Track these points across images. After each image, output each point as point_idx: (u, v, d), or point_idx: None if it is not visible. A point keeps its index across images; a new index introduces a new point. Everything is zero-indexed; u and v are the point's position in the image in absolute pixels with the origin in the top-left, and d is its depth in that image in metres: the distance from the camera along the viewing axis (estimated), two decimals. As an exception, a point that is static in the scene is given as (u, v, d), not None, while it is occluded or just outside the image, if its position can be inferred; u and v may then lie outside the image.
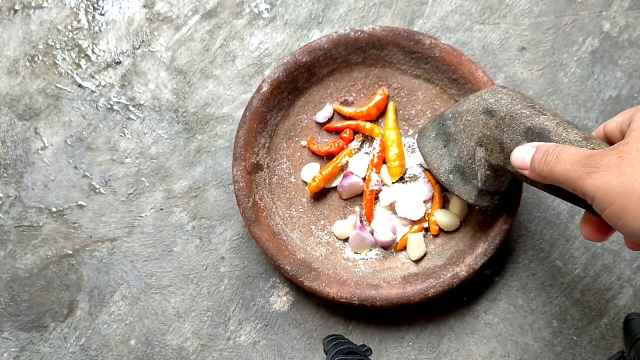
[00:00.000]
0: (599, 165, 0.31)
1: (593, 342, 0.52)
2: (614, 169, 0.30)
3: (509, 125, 0.41)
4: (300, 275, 0.49)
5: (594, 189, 0.31)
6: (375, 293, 0.49)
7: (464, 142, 0.45)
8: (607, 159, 0.31)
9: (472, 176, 0.46)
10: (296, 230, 0.53)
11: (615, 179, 0.30)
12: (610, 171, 0.31)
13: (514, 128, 0.41)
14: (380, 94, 0.52)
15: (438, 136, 0.47)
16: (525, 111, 0.40)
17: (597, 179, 0.31)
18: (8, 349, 0.54)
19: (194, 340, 0.54)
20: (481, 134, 0.43)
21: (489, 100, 0.42)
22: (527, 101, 0.41)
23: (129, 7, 0.57)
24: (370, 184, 0.52)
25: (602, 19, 0.55)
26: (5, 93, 0.57)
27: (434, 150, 0.47)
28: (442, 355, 0.52)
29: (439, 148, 0.47)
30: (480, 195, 0.46)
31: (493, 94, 0.43)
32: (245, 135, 0.51)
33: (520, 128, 0.40)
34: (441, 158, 0.47)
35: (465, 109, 0.44)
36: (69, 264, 0.55)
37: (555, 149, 0.35)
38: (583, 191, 0.32)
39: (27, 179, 0.56)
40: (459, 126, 0.45)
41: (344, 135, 0.53)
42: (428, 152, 0.48)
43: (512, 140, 0.41)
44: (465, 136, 0.44)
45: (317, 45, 0.51)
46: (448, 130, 0.46)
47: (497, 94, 0.42)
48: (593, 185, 0.31)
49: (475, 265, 0.48)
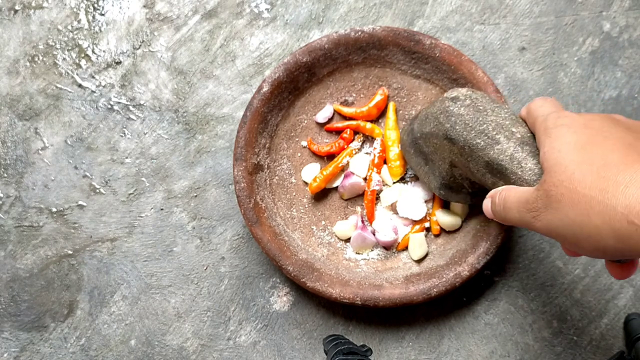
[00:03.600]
0: (537, 209, 0.34)
1: (593, 342, 0.52)
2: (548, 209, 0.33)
3: (469, 155, 0.41)
4: (302, 275, 0.49)
5: (545, 231, 0.34)
6: (377, 293, 0.49)
7: (439, 164, 0.46)
8: (540, 202, 0.33)
9: (459, 187, 0.47)
10: (297, 230, 0.53)
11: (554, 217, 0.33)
12: (547, 212, 0.33)
13: (475, 159, 0.41)
14: (380, 93, 0.52)
15: (417, 153, 0.48)
16: (479, 141, 0.40)
17: (542, 222, 0.34)
18: (8, 349, 0.54)
19: (194, 340, 0.54)
20: (451, 158, 0.44)
21: (445, 125, 0.42)
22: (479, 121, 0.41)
23: (129, 7, 0.57)
24: (371, 183, 0.52)
25: (602, 19, 0.55)
26: (5, 93, 0.57)
27: (418, 165, 0.49)
28: (442, 355, 0.52)
29: (421, 164, 0.48)
30: (474, 197, 0.47)
31: (447, 116, 0.42)
32: (246, 136, 0.50)
33: (480, 160, 0.41)
34: (427, 175, 0.48)
35: (429, 132, 0.44)
36: (69, 264, 0.55)
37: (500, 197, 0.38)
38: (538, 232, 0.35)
39: (27, 179, 0.56)
40: (430, 147, 0.45)
41: (344, 135, 0.53)
42: (414, 167, 0.50)
43: (478, 170, 0.42)
44: (438, 158, 0.45)
45: (317, 45, 0.51)
46: (422, 150, 0.47)
47: (450, 117, 0.42)
48: (541, 228, 0.34)
49: (477, 265, 0.48)
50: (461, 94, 0.42)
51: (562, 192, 0.32)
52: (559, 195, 0.32)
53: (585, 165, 0.32)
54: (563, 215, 0.32)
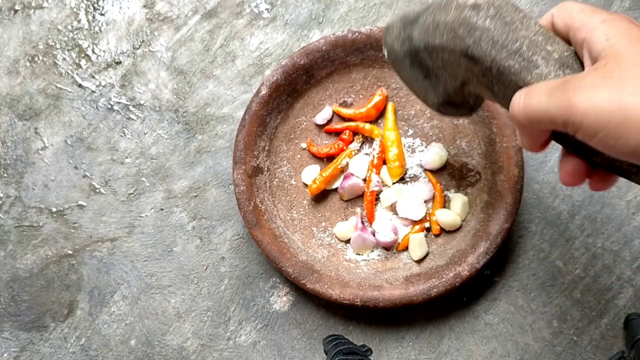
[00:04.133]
0: (581, 87, 0.27)
1: (593, 342, 0.52)
2: (599, 87, 0.27)
3: (497, 77, 0.35)
4: (303, 277, 0.49)
5: (582, 111, 0.27)
6: (377, 294, 0.49)
7: (447, 81, 0.39)
8: (588, 80, 0.27)
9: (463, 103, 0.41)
10: (297, 232, 0.53)
11: (605, 97, 0.26)
12: (597, 90, 0.27)
13: (503, 83, 0.35)
14: (379, 94, 0.52)
15: (413, 65, 0.41)
16: (512, 63, 0.34)
17: (583, 100, 0.27)
18: (8, 348, 0.54)
19: (194, 340, 0.54)
20: (466, 77, 0.37)
21: (466, 40, 0.35)
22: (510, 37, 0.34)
23: (129, 7, 0.57)
24: (371, 184, 0.52)
25: (602, 18, 0.55)
26: (5, 93, 0.57)
27: (414, 78, 0.42)
28: (442, 355, 0.52)
29: (418, 78, 0.41)
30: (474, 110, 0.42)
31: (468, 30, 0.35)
32: (245, 139, 0.50)
33: (512, 84, 0.34)
34: (425, 90, 0.42)
35: (440, 44, 0.37)
36: (69, 263, 0.55)
37: (527, 91, 0.31)
38: (565, 118, 0.28)
39: (27, 179, 0.56)
40: (437, 62, 0.38)
41: (344, 136, 0.53)
42: (406, 79, 0.43)
43: (505, 94, 0.35)
44: (447, 74, 0.38)
45: (315, 47, 0.51)
46: (424, 63, 0.39)
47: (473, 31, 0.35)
48: (580, 108, 0.27)
49: (477, 264, 0.48)
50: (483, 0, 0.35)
51: (625, 67, 0.27)
52: (621, 78, 0.27)
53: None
54: (619, 97, 0.26)
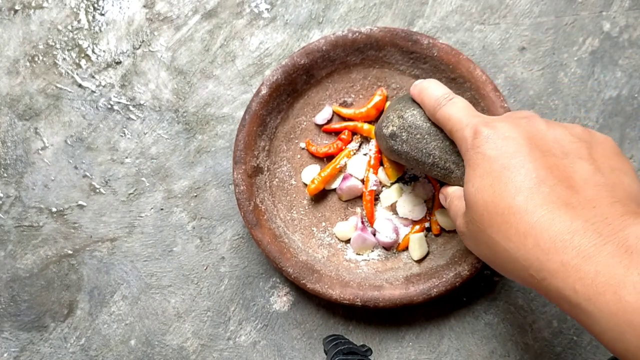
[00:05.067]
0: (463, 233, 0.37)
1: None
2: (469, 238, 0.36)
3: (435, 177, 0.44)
4: (303, 277, 0.49)
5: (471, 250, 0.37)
6: (377, 294, 0.49)
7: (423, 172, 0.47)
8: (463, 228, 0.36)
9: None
10: (297, 232, 0.53)
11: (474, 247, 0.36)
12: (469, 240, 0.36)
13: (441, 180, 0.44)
14: (379, 94, 0.52)
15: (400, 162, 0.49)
16: (436, 173, 0.43)
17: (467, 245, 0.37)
18: (8, 348, 0.54)
19: (194, 340, 0.54)
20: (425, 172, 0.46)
21: (401, 161, 0.45)
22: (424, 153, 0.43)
23: (129, 7, 0.57)
24: (369, 184, 0.52)
25: (602, 19, 0.55)
26: (5, 93, 0.57)
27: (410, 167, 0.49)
28: (442, 355, 0.52)
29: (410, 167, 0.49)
30: None
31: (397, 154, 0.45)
32: (245, 139, 0.50)
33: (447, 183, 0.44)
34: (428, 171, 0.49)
35: (395, 159, 0.46)
36: (69, 263, 0.55)
37: (447, 204, 0.41)
38: None
39: (27, 179, 0.56)
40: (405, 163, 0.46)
41: (342, 136, 0.53)
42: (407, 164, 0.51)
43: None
44: (419, 170, 0.47)
45: (315, 47, 0.51)
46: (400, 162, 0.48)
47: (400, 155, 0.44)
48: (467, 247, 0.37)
49: (478, 264, 0.48)
50: (396, 127, 0.43)
51: (476, 230, 0.33)
52: (474, 232, 0.33)
53: (492, 207, 0.31)
54: (479, 249, 0.34)
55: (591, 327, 0.27)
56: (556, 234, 0.28)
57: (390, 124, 0.44)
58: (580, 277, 0.27)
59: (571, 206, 0.29)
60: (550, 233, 0.28)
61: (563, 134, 0.34)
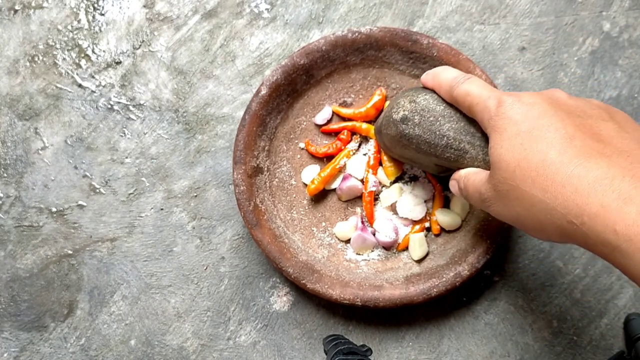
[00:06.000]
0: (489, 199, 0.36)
1: (593, 342, 0.52)
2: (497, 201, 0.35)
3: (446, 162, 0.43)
4: (303, 277, 0.49)
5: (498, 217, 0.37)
6: (377, 294, 0.49)
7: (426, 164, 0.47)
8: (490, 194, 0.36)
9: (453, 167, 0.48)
10: (297, 232, 0.53)
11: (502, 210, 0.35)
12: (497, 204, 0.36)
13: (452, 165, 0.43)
14: (378, 94, 0.52)
15: (400, 157, 0.49)
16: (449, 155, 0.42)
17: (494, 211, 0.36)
18: (8, 348, 0.54)
19: (194, 340, 0.54)
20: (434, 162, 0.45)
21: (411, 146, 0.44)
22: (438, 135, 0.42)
23: (129, 7, 0.57)
24: (368, 185, 0.52)
25: (602, 18, 0.55)
26: (5, 93, 0.57)
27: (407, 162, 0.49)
28: (442, 355, 0.52)
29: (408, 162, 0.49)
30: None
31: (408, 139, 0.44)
32: (245, 139, 0.50)
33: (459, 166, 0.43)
34: (422, 166, 0.49)
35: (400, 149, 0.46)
36: (69, 263, 0.55)
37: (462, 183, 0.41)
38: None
39: (27, 179, 0.56)
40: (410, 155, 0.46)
41: (342, 136, 0.53)
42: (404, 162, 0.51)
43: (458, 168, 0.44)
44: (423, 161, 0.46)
45: (315, 47, 0.51)
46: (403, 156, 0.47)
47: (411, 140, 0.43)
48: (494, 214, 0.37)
49: (478, 264, 0.48)
50: (407, 110, 0.43)
51: (507, 188, 0.34)
52: (505, 192, 0.34)
53: (525, 163, 0.32)
54: (510, 208, 0.34)
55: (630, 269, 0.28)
56: (595, 179, 0.29)
57: (400, 108, 0.43)
58: (621, 219, 0.27)
59: (605, 155, 0.30)
60: (589, 179, 0.29)
61: (583, 102, 0.36)
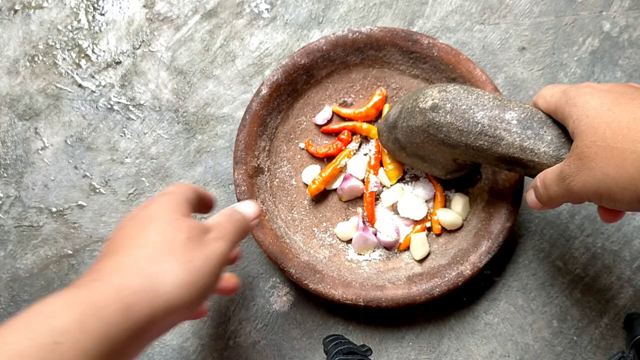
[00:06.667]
0: (572, 174, 0.35)
1: (593, 341, 0.52)
2: (582, 170, 0.34)
3: (476, 153, 0.42)
4: (305, 277, 0.49)
5: (582, 192, 0.35)
6: (380, 294, 0.49)
7: (441, 160, 0.46)
8: (573, 166, 0.35)
9: (463, 168, 0.48)
10: (298, 232, 0.53)
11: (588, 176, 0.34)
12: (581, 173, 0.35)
13: (484, 156, 0.42)
14: (379, 94, 0.52)
15: (411, 155, 0.48)
16: (482, 143, 0.41)
17: (578, 184, 0.35)
18: (8, 349, 0.54)
19: (194, 340, 0.54)
20: (454, 156, 0.44)
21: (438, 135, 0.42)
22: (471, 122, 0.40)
23: (129, 7, 0.57)
24: (369, 185, 0.52)
25: (602, 18, 0.55)
26: (5, 93, 0.57)
27: (414, 162, 0.49)
28: (442, 355, 0.52)
29: (417, 162, 0.48)
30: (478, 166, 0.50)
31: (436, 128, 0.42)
32: (245, 139, 0.50)
33: (490, 156, 0.41)
34: (427, 168, 0.49)
35: (421, 141, 0.44)
36: (69, 263, 0.55)
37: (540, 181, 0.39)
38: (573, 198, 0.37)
39: (27, 179, 0.56)
40: (426, 151, 0.45)
41: (342, 136, 0.53)
42: (409, 163, 0.50)
43: (490, 162, 0.43)
44: (439, 156, 0.45)
45: (315, 47, 0.51)
46: (417, 153, 0.46)
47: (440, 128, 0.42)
48: (579, 190, 0.35)
49: (479, 264, 0.48)
50: (438, 99, 0.42)
51: (595, 150, 0.33)
52: (593, 154, 0.34)
53: (615, 123, 0.33)
54: (597, 171, 0.33)
55: None
56: None
57: (429, 98, 0.42)
58: None
59: None
60: None
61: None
